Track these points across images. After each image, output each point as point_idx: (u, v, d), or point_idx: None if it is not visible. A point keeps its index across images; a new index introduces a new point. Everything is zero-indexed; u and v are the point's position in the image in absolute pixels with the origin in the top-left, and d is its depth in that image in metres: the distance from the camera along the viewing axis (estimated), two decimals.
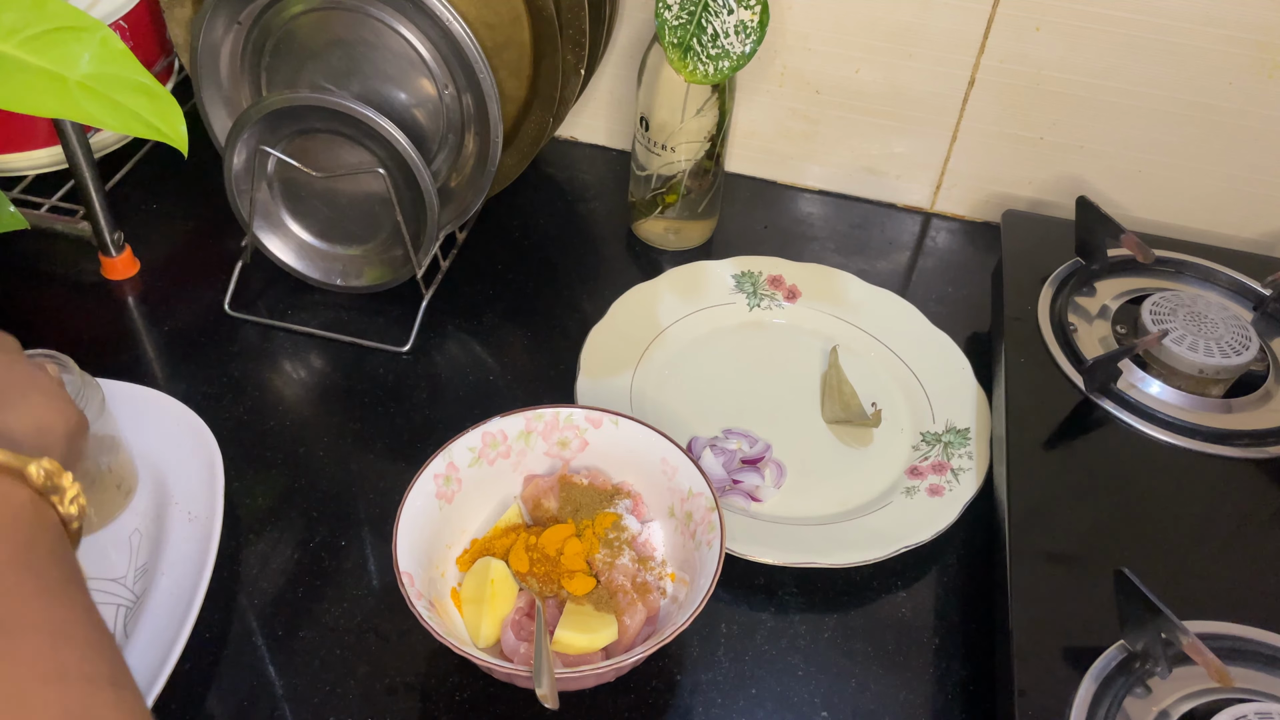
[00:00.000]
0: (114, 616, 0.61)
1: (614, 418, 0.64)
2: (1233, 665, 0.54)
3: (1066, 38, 0.80)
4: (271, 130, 0.74)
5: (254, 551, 0.66)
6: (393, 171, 0.74)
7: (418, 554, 0.58)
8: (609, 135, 0.97)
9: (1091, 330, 0.74)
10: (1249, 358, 0.70)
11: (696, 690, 0.61)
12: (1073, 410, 0.69)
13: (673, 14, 0.73)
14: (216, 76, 0.78)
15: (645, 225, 0.87)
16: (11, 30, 0.43)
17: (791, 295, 0.82)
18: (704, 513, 0.60)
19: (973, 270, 0.88)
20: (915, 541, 0.65)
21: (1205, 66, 0.79)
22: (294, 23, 0.74)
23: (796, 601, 0.65)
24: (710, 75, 0.74)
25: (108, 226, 0.80)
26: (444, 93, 0.75)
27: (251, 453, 0.71)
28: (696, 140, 0.80)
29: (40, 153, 0.85)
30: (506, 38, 0.75)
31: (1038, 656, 0.56)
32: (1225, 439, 0.67)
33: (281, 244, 0.80)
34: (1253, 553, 0.61)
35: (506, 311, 0.82)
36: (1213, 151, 0.83)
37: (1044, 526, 0.62)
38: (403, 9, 0.72)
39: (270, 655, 0.61)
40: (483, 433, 0.63)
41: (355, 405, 0.75)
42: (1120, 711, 0.53)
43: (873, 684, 0.61)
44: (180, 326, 0.79)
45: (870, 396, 0.76)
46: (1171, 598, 0.53)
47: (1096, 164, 0.87)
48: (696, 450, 0.71)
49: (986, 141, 0.87)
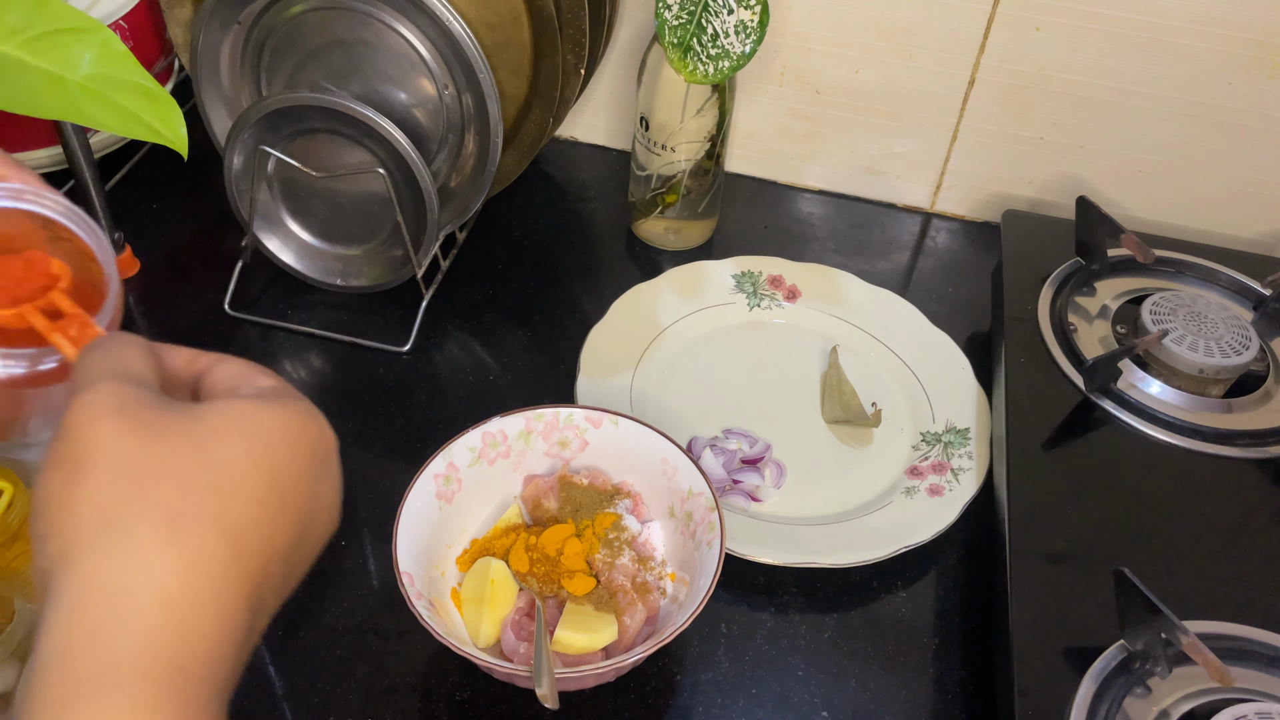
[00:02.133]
0: None
1: (614, 418, 0.64)
2: (1233, 665, 0.54)
3: (1066, 38, 0.80)
4: (271, 130, 0.74)
5: None
6: (393, 171, 0.74)
7: (418, 554, 0.58)
8: (609, 135, 0.97)
9: (1091, 330, 0.74)
10: (1249, 358, 0.70)
11: (696, 690, 0.61)
12: (1073, 410, 0.69)
13: (673, 14, 0.73)
14: (216, 76, 0.78)
15: (645, 225, 0.87)
16: (12, 31, 0.43)
17: (791, 295, 0.82)
18: (704, 513, 0.60)
19: (973, 270, 0.88)
20: (915, 541, 0.65)
21: (1205, 66, 0.79)
22: (294, 22, 0.74)
23: (796, 601, 0.65)
24: (710, 75, 0.74)
25: (108, 226, 0.80)
26: (444, 93, 0.75)
27: None
28: (696, 140, 0.80)
29: (40, 153, 0.85)
30: (506, 38, 0.75)
31: (1038, 656, 0.56)
32: (1225, 439, 0.67)
33: (281, 244, 0.80)
34: (1253, 553, 0.61)
35: (506, 311, 0.82)
36: (1213, 151, 0.83)
37: (1044, 526, 0.62)
38: (403, 9, 0.72)
39: (270, 655, 0.61)
40: (483, 433, 0.63)
41: (355, 405, 0.75)
42: (1120, 711, 0.53)
43: (873, 684, 0.61)
44: (180, 326, 0.79)
45: (870, 396, 0.76)
46: (1171, 598, 0.53)
47: (1096, 164, 0.87)
48: (696, 450, 0.71)
49: (986, 141, 0.87)
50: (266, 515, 0.36)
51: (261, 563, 0.35)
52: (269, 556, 0.36)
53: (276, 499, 0.36)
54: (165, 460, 0.34)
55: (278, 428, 0.37)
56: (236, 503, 0.35)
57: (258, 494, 0.36)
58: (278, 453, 0.37)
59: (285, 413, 0.38)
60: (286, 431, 0.37)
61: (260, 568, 0.35)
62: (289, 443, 0.37)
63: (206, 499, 0.34)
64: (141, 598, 0.32)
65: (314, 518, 0.38)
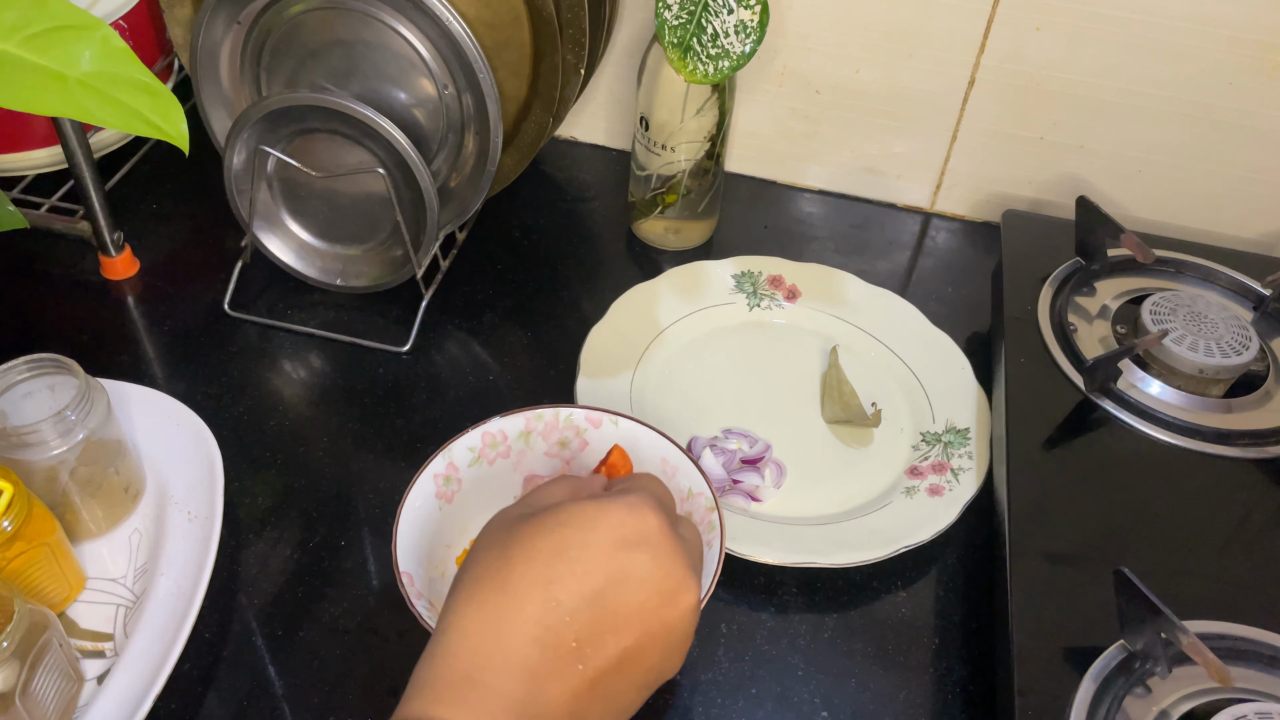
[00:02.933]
0: (114, 616, 0.61)
1: (614, 418, 0.64)
2: (1233, 665, 0.54)
3: (1066, 38, 0.80)
4: (271, 130, 0.74)
5: (254, 551, 0.66)
6: (393, 171, 0.74)
7: (418, 554, 0.58)
8: (609, 135, 0.97)
9: (1091, 330, 0.74)
10: (1249, 358, 0.70)
11: (696, 690, 0.61)
12: (1073, 410, 0.69)
13: (673, 14, 0.73)
14: (216, 76, 0.78)
15: (645, 225, 0.87)
16: (12, 29, 0.43)
17: (791, 295, 0.82)
18: (704, 513, 0.60)
19: (973, 270, 0.88)
20: (915, 541, 0.65)
21: (1205, 66, 0.79)
22: (294, 22, 0.74)
23: (796, 601, 0.65)
24: (710, 75, 0.74)
25: (107, 226, 0.80)
26: (444, 93, 0.75)
27: (251, 453, 0.71)
28: (696, 140, 0.80)
29: (40, 152, 0.85)
30: (506, 38, 0.75)
31: (1038, 656, 0.56)
32: (1225, 439, 0.67)
33: (281, 244, 0.80)
34: (1253, 553, 0.61)
35: (506, 311, 0.82)
36: (1213, 151, 0.83)
37: (1044, 526, 0.62)
38: (403, 9, 0.72)
39: (270, 655, 0.61)
40: (483, 433, 0.63)
41: (355, 405, 0.75)
42: (1120, 711, 0.53)
43: (873, 684, 0.61)
44: (180, 326, 0.79)
45: (870, 396, 0.76)
46: (1171, 598, 0.53)
47: (1096, 164, 0.87)
48: (696, 450, 0.71)
49: (986, 141, 0.88)
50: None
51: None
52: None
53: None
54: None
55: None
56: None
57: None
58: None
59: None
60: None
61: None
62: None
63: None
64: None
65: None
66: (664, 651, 0.45)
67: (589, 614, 0.43)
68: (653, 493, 0.48)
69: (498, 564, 0.44)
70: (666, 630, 0.45)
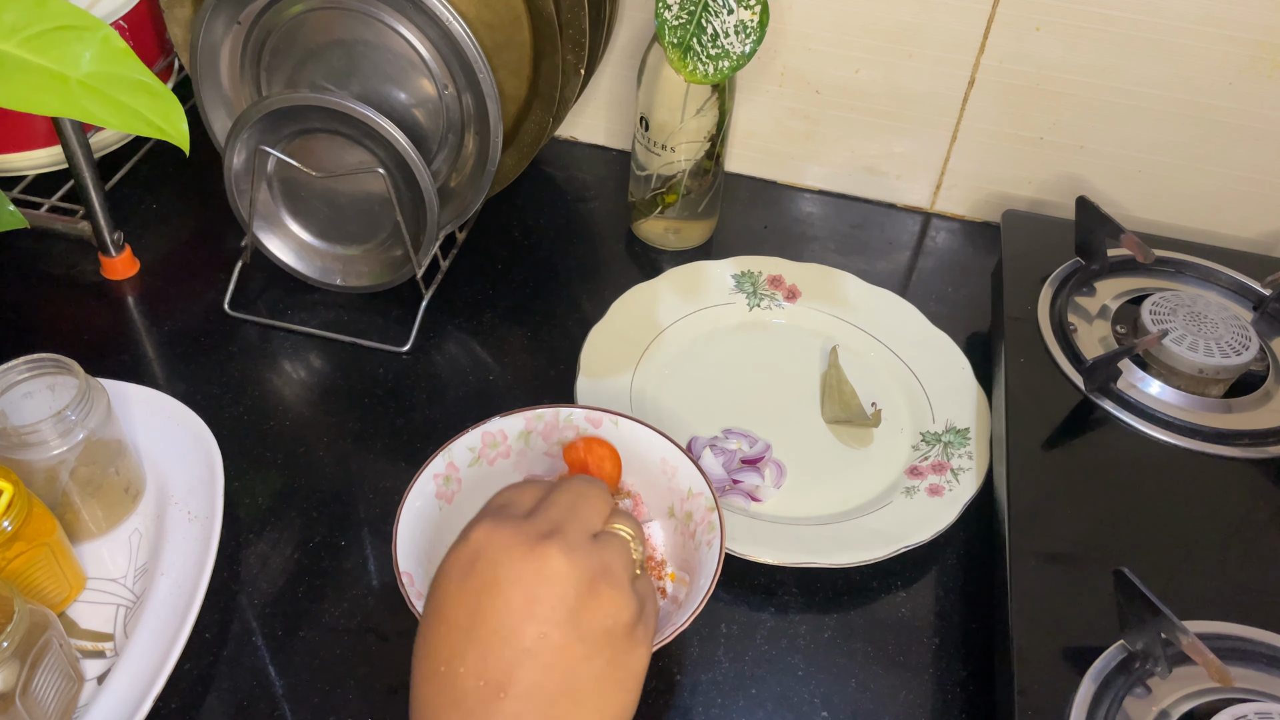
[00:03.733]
0: (114, 616, 0.61)
1: (614, 417, 0.64)
2: (1233, 665, 0.54)
3: (1066, 38, 0.80)
4: (271, 130, 0.74)
5: (254, 551, 0.66)
6: (393, 171, 0.74)
7: (418, 554, 0.58)
8: (609, 135, 0.97)
9: (1091, 330, 0.74)
10: (1249, 358, 0.70)
11: (696, 690, 0.61)
12: (1073, 410, 0.69)
13: (673, 14, 0.73)
14: (216, 76, 0.78)
15: (645, 225, 0.87)
16: (12, 29, 0.43)
17: (791, 295, 0.82)
18: (704, 513, 0.60)
19: (973, 270, 0.88)
20: (915, 541, 0.65)
21: (1205, 66, 0.79)
22: (294, 22, 0.74)
23: (796, 601, 0.65)
24: (710, 75, 0.74)
25: (107, 226, 0.80)
26: (444, 93, 0.75)
27: (251, 453, 0.71)
28: (696, 140, 0.80)
29: (40, 152, 0.85)
30: (506, 38, 0.75)
31: (1038, 656, 0.56)
32: (1225, 439, 0.67)
33: (281, 244, 0.80)
34: (1253, 553, 0.61)
35: (506, 311, 0.82)
36: (1213, 151, 0.83)
37: (1044, 526, 0.62)
38: (403, 9, 0.72)
39: (270, 655, 0.61)
40: (483, 433, 0.63)
41: (355, 405, 0.75)
42: (1120, 711, 0.53)
43: (873, 684, 0.61)
44: (180, 326, 0.79)
45: (870, 396, 0.76)
46: (1171, 598, 0.53)
47: (1096, 164, 0.87)
48: (696, 450, 0.71)
49: (986, 141, 0.88)
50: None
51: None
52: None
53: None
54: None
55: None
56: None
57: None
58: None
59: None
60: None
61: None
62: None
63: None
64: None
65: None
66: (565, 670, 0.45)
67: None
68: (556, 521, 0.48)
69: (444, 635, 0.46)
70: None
